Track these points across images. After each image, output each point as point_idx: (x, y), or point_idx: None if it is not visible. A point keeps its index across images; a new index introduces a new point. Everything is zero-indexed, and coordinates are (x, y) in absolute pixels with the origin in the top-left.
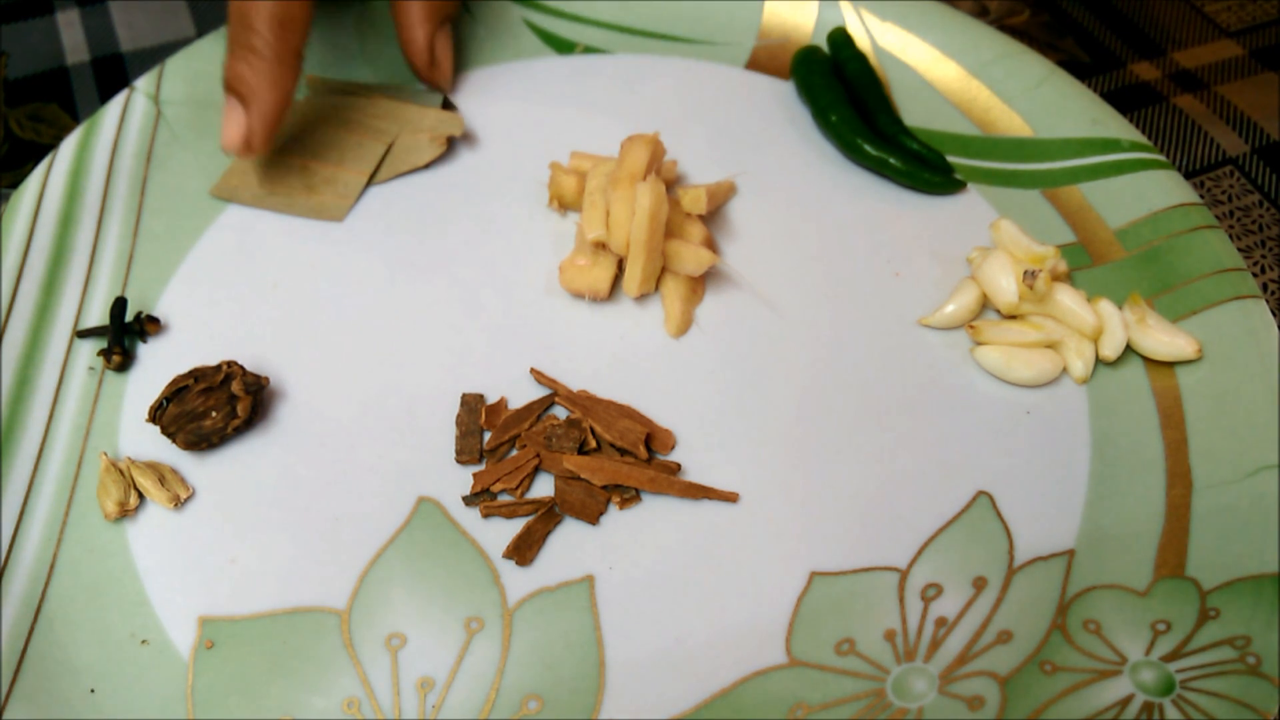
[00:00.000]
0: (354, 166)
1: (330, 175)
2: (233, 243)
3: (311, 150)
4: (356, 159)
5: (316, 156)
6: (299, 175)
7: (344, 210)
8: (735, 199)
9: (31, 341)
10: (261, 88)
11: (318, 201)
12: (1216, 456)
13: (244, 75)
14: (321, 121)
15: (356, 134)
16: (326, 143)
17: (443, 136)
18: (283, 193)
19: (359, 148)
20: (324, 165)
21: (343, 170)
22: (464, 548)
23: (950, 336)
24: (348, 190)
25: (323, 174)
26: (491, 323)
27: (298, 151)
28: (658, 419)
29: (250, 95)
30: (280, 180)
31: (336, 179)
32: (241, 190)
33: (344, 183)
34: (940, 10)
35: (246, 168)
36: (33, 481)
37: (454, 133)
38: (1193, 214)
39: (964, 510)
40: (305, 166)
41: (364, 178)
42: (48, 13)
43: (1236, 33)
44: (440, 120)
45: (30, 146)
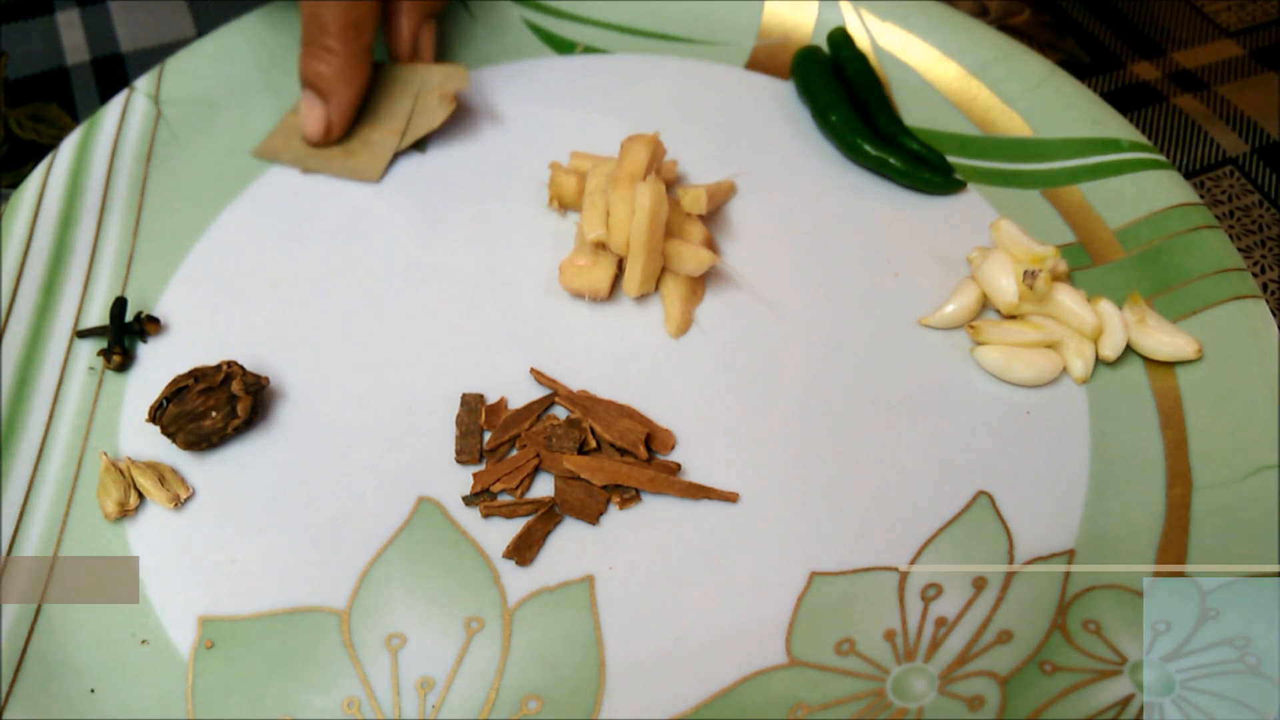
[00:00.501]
0: (386, 125)
1: (366, 136)
2: (233, 243)
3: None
4: (388, 116)
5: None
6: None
7: (379, 171)
8: (735, 199)
9: (31, 341)
10: (338, 84)
11: (355, 163)
12: (1216, 456)
13: (321, 73)
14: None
15: (380, 94)
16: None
17: (451, 94)
18: (322, 154)
19: (388, 106)
20: (360, 126)
21: (376, 130)
22: (464, 548)
23: (950, 336)
24: (382, 150)
25: (361, 135)
26: (491, 323)
27: None
28: (658, 419)
29: (329, 91)
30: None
31: (371, 140)
32: (284, 151)
33: (378, 143)
34: (940, 10)
35: (290, 130)
36: (33, 481)
37: (461, 86)
38: (1193, 214)
39: (964, 510)
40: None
41: (396, 136)
42: (48, 13)
43: (1236, 33)
44: (446, 75)
45: (30, 146)
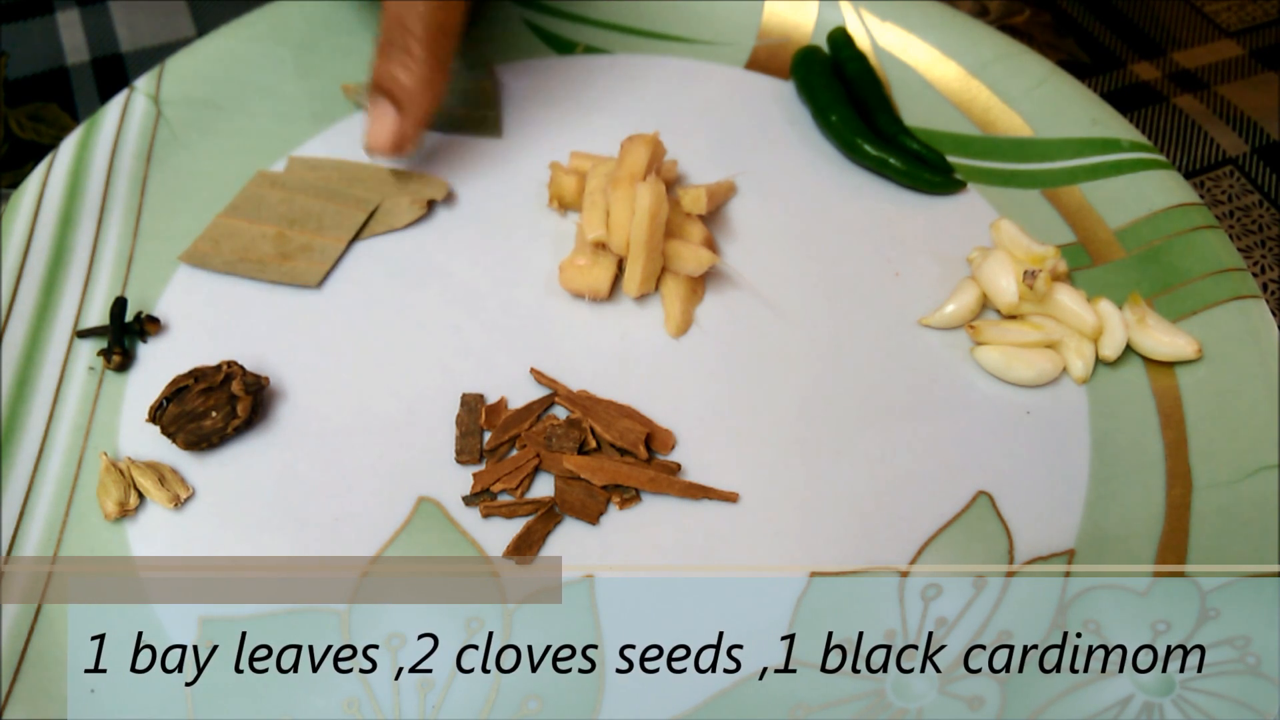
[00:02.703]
0: (333, 234)
1: (306, 242)
2: None
3: (289, 219)
4: (336, 226)
5: (294, 225)
6: (274, 243)
7: (319, 275)
8: (735, 199)
9: (31, 341)
10: (417, 92)
11: (291, 267)
12: (1216, 456)
13: (400, 79)
14: (301, 193)
15: (337, 203)
16: (306, 212)
17: (424, 200)
18: (255, 259)
19: (338, 215)
20: (301, 233)
21: (320, 238)
22: (464, 548)
23: (950, 336)
24: (324, 257)
25: (299, 241)
26: (491, 323)
27: (274, 220)
28: (658, 419)
29: (407, 100)
30: (253, 248)
31: (313, 246)
32: (212, 257)
33: (320, 249)
34: (940, 10)
35: (219, 235)
36: (33, 481)
37: (436, 196)
38: (1193, 214)
39: (964, 510)
40: (281, 235)
41: (342, 244)
42: (48, 13)
43: (1236, 33)
44: (424, 185)
45: (30, 146)
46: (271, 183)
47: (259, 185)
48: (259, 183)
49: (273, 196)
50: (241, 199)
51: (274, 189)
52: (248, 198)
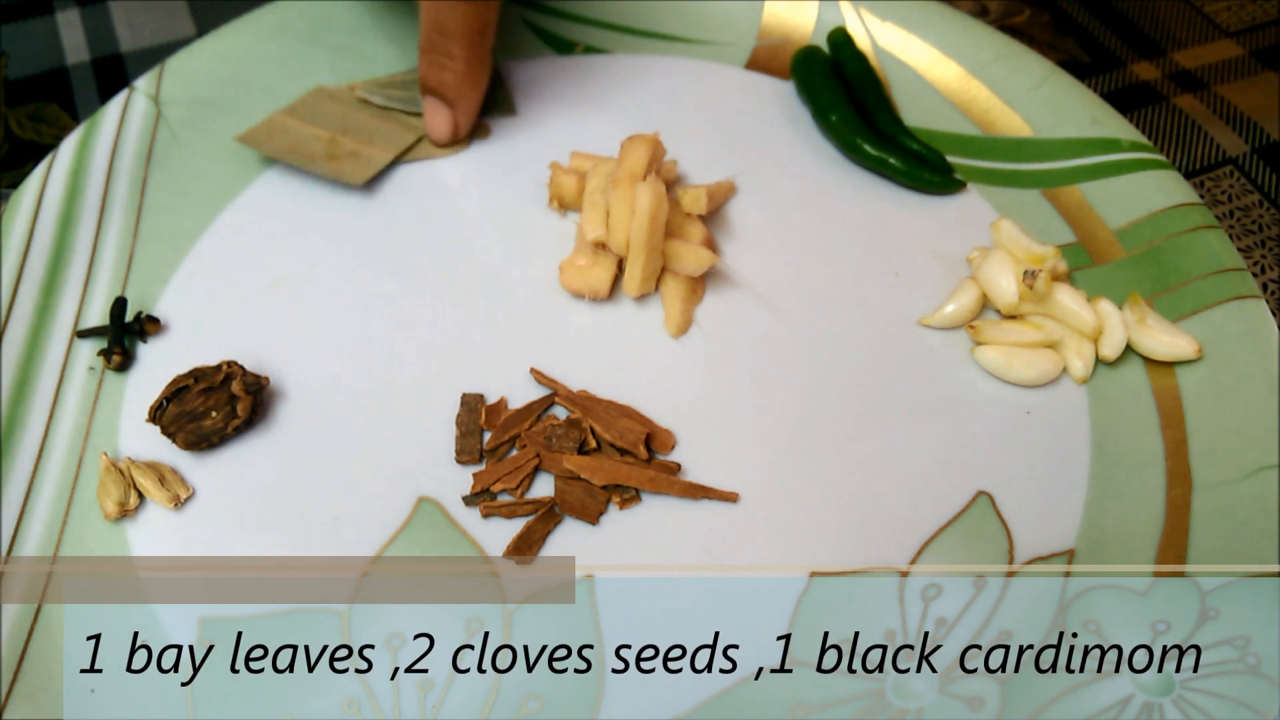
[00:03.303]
0: (382, 146)
1: (355, 149)
2: (233, 243)
3: (343, 128)
4: (386, 141)
5: (346, 134)
6: (325, 145)
7: (364, 177)
8: (735, 199)
9: (31, 341)
10: (464, 90)
11: (338, 166)
12: (1216, 456)
13: (446, 81)
14: (359, 109)
15: (389, 122)
16: (359, 125)
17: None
18: (305, 153)
19: (389, 133)
20: (352, 141)
21: (369, 148)
22: (464, 548)
23: (950, 336)
24: (371, 165)
25: (348, 147)
26: (491, 323)
27: (328, 126)
28: (658, 419)
29: (456, 98)
30: (305, 145)
31: (361, 153)
32: (265, 144)
33: (368, 157)
34: (940, 10)
35: (274, 128)
36: (33, 481)
37: (479, 135)
38: (1193, 214)
39: (964, 510)
40: (334, 139)
41: (389, 156)
42: (48, 13)
43: (1236, 33)
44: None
45: (30, 146)
46: (330, 96)
47: (317, 96)
48: (317, 95)
49: (330, 107)
50: (300, 104)
51: (331, 101)
52: (306, 104)
